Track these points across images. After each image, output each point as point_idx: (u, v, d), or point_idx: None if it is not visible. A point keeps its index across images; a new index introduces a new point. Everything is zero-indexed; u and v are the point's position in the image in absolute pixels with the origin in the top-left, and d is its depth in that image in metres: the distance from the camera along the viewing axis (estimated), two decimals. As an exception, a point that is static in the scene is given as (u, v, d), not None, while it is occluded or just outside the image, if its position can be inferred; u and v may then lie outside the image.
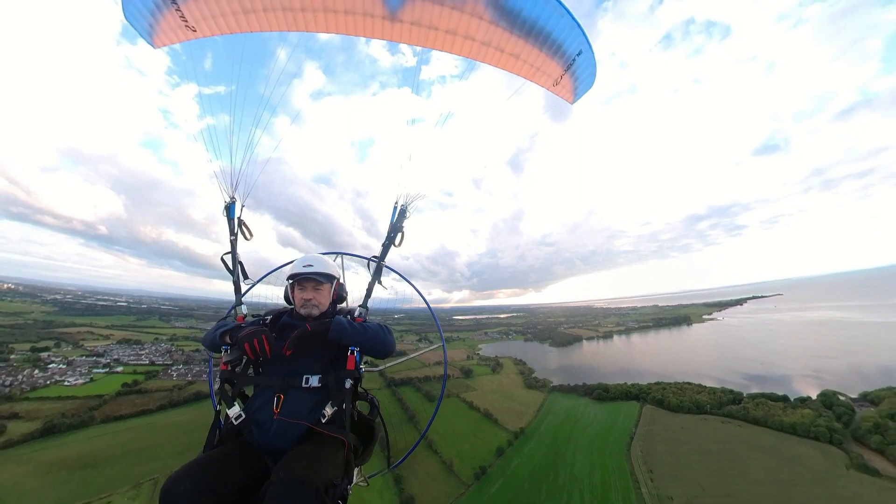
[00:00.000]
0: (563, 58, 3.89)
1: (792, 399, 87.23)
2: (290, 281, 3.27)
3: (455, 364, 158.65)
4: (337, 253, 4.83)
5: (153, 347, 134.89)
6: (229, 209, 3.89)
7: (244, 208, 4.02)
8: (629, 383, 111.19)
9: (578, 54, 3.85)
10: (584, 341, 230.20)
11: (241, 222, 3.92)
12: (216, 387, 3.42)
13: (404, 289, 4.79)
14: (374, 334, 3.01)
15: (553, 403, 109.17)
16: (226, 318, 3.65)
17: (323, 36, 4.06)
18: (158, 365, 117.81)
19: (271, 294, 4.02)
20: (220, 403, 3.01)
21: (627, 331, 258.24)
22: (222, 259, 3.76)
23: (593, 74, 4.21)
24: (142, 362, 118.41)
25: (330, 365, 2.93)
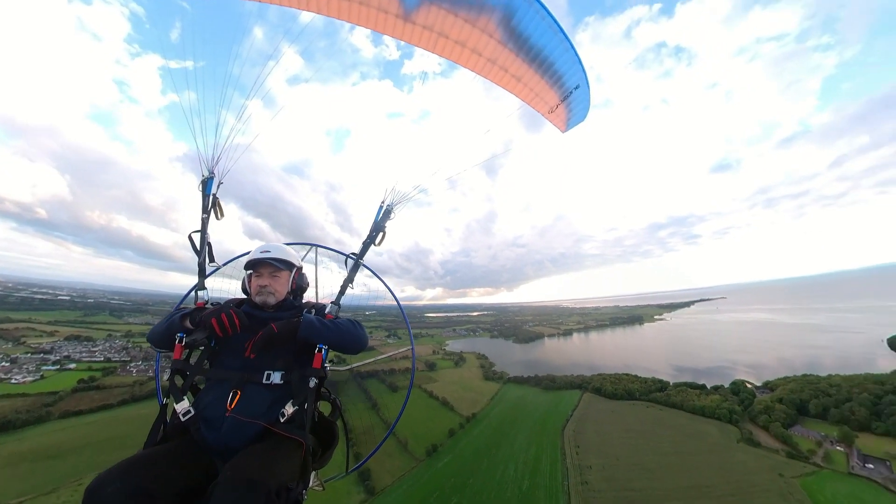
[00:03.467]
0: (562, 89, 4.04)
1: (708, 387, 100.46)
2: (248, 271, 3.09)
3: (420, 358, 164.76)
4: (311, 245, 4.58)
5: (107, 344, 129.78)
6: (206, 184, 3.57)
7: (221, 185, 3.70)
8: (575, 374, 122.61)
9: (576, 88, 4.02)
10: (546, 338, 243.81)
11: (215, 200, 3.59)
12: (164, 378, 3.05)
13: (376, 286, 4.64)
14: (346, 331, 2.87)
15: (506, 393, 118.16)
16: (180, 305, 3.45)
17: (305, 17, 3.73)
18: (115, 362, 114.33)
19: (232, 289, 3.76)
20: (167, 397, 2.63)
21: (586, 329, 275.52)
22: (190, 237, 3.44)
23: (586, 109, 4.41)
24: (96, 359, 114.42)
25: (294, 361, 2.72)
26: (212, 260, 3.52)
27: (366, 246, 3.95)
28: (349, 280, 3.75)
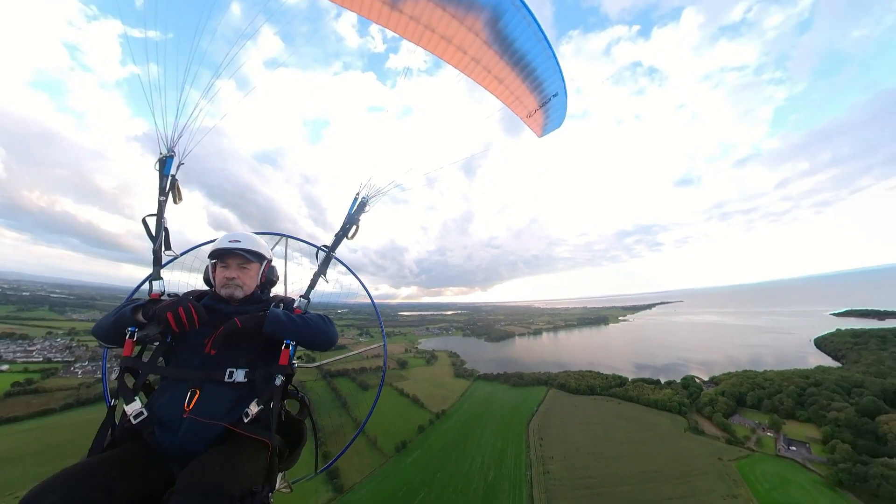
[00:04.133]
0: (541, 95, 4.12)
1: (662, 382, 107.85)
2: (213, 260, 2.86)
3: (392, 357, 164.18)
4: (281, 235, 4.39)
5: (46, 343, 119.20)
6: (164, 164, 3.17)
7: (181, 167, 3.28)
8: (542, 372, 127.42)
9: (555, 95, 4.13)
10: (517, 337, 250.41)
11: (174, 182, 3.21)
12: (113, 377, 2.67)
13: (349, 283, 4.50)
14: (315, 327, 2.68)
15: (476, 389, 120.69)
16: (132, 296, 3.14)
17: None
18: (57, 362, 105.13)
19: (193, 282, 3.42)
20: (115, 398, 2.36)
21: (555, 329, 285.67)
22: (144, 221, 3.05)
23: (563, 117, 4.52)
24: (34, 359, 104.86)
25: (259, 358, 2.56)
26: (168, 248, 3.16)
27: (338, 239, 3.76)
28: (320, 273, 3.57)
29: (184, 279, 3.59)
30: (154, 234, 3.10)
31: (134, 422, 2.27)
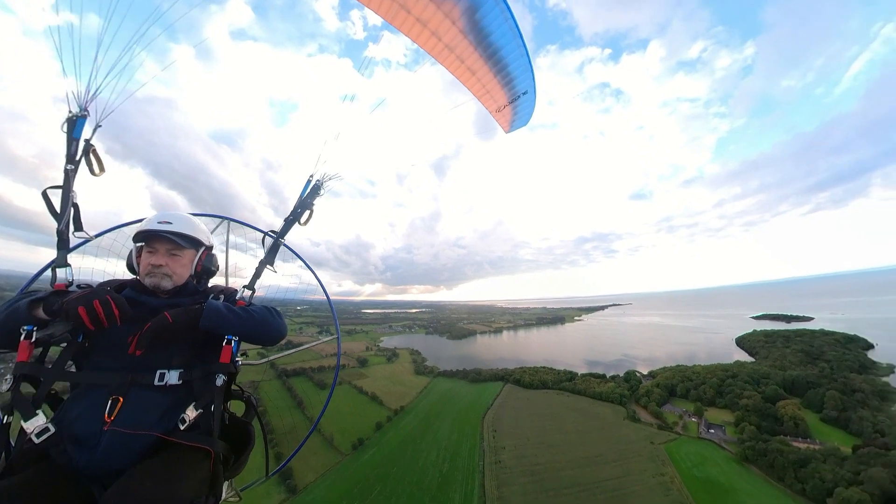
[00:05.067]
0: (511, 91, 4.19)
1: (607, 376, 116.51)
2: (139, 243, 2.46)
3: (352, 355, 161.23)
4: (222, 217, 4.02)
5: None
6: (74, 125, 2.54)
7: (98, 130, 2.68)
8: (499, 368, 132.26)
9: (524, 93, 4.21)
10: (478, 335, 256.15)
11: (89, 148, 2.59)
12: (4, 388, 2.08)
13: (310, 277, 4.29)
14: (260, 319, 2.39)
15: (435, 386, 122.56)
16: (26, 288, 2.66)
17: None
18: None
19: (114, 270, 2.92)
20: (8, 414, 1.94)
21: (515, 327, 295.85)
22: (44, 194, 2.43)
23: (530, 115, 4.62)
24: None
25: (196, 357, 2.27)
26: (79, 228, 2.57)
27: (288, 224, 3.31)
28: (266, 262, 3.14)
29: (100, 267, 2.96)
30: (59, 212, 2.43)
31: (37, 440, 1.84)
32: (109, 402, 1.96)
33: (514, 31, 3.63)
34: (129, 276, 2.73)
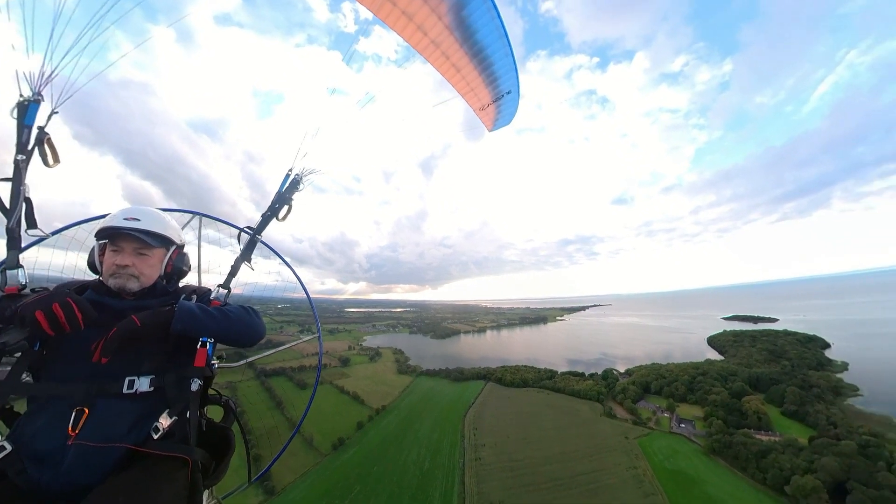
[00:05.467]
0: (495, 90, 4.25)
1: (586, 374, 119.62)
2: (102, 241, 2.23)
3: (334, 354, 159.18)
4: (193, 213, 3.81)
5: None
6: (25, 110, 2.30)
7: (54, 117, 2.42)
8: (481, 367, 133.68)
9: (508, 92, 4.26)
10: (462, 335, 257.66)
11: (42, 137, 2.34)
12: None
13: (291, 275, 4.16)
14: (237, 320, 2.26)
15: (418, 385, 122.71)
16: None
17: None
18: None
19: (70, 275, 2.70)
20: None
21: (499, 327, 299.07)
22: None
23: (513, 114, 4.68)
24: None
25: (168, 361, 2.09)
26: (32, 226, 2.35)
27: (265, 220, 3.20)
28: (243, 259, 3.03)
29: (57, 260, 2.71)
30: (8, 208, 2.22)
31: None
32: (73, 414, 1.77)
33: (499, 30, 3.65)
34: (89, 276, 2.40)
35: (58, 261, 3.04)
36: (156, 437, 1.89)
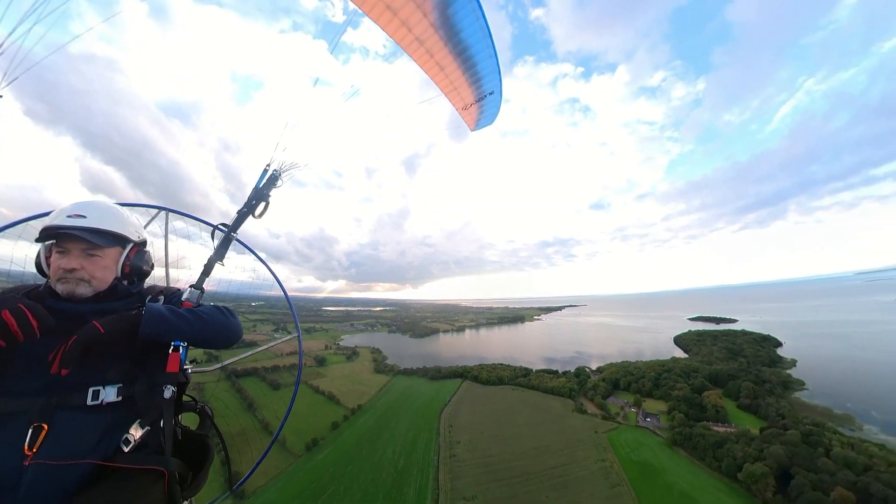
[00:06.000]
0: (478, 90, 4.29)
1: (560, 372, 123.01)
2: (47, 242, 1.96)
3: (310, 354, 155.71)
4: (158, 208, 3.50)
5: None
6: None
7: (15, 87, 2.18)
8: (458, 365, 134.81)
9: (491, 93, 4.30)
10: (441, 334, 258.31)
11: None
12: None
13: (265, 271, 4.04)
14: (211, 321, 2.08)
15: (395, 384, 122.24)
16: None
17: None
18: None
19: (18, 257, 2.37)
20: None
21: (478, 326, 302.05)
22: None
23: (495, 115, 4.75)
24: None
25: (137, 368, 1.91)
26: None
27: (241, 216, 3.06)
28: (216, 259, 2.89)
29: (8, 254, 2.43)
30: None
31: None
32: (31, 431, 1.57)
33: (484, 30, 3.64)
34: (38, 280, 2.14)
35: (6, 251, 2.65)
36: (126, 449, 1.72)
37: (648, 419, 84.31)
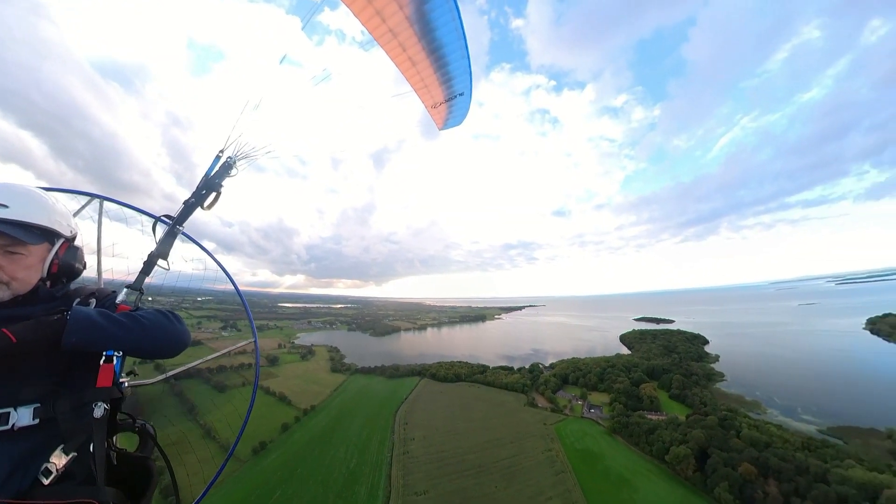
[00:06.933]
0: (449, 90, 4.25)
1: (515, 368, 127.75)
2: None
3: (261, 353, 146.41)
4: (91, 195, 2.92)
5: None
6: None
7: None
8: (417, 363, 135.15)
9: (461, 94, 4.27)
10: (403, 332, 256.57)
11: None
12: None
13: (214, 264, 3.68)
14: (153, 327, 1.76)
15: (351, 383, 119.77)
16: None
17: None
18: None
19: None
20: None
21: (440, 324, 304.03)
22: None
23: (464, 116, 4.72)
24: None
25: (59, 384, 1.63)
26: None
27: (188, 208, 2.77)
28: (159, 254, 2.59)
29: None
30: None
31: None
32: None
33: (459, 31, 3.61)
34: None
35: None
36: (47, 481, 1.45)
37: (593, 410, 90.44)
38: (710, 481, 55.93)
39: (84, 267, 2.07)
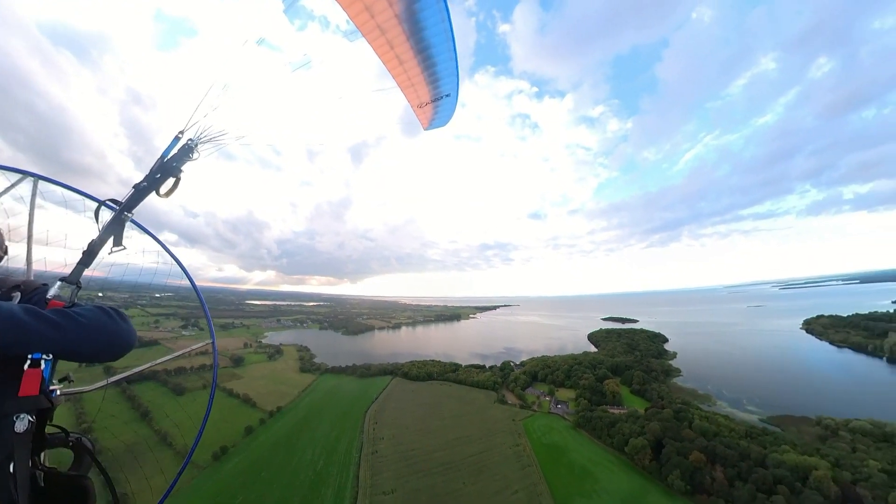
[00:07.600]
0: (435, 90, 4.24)
1: (486, 367, 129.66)
2: None
3: (225, 353, 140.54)
4: (25, 173, 2.56)
5: None
6: None
7: None
8: (389, 363, 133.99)
9: (447, 95, 4.26)
10: (377, 331, 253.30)
11: None
12: None
13: (169, 256, 3.29)
14: (91, 326, 1.55)
15: (320, 383, 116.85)
16: None
17: None
18: None
19: None
20: None
21: (414, 323, 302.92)
22: None
23: (449, 117, 4.75)
24: None
25: None
26: None
27: (139, 192, 2.44)
28: (102, 243, 2.27)
29: None
30: None
31: None
32: None
33: (448, 33, 3.59)
34: None
35: None
36: None
37: (559, 406, 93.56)
38: (664, 470, 59.53)
39: (5, 252, 1.82)
